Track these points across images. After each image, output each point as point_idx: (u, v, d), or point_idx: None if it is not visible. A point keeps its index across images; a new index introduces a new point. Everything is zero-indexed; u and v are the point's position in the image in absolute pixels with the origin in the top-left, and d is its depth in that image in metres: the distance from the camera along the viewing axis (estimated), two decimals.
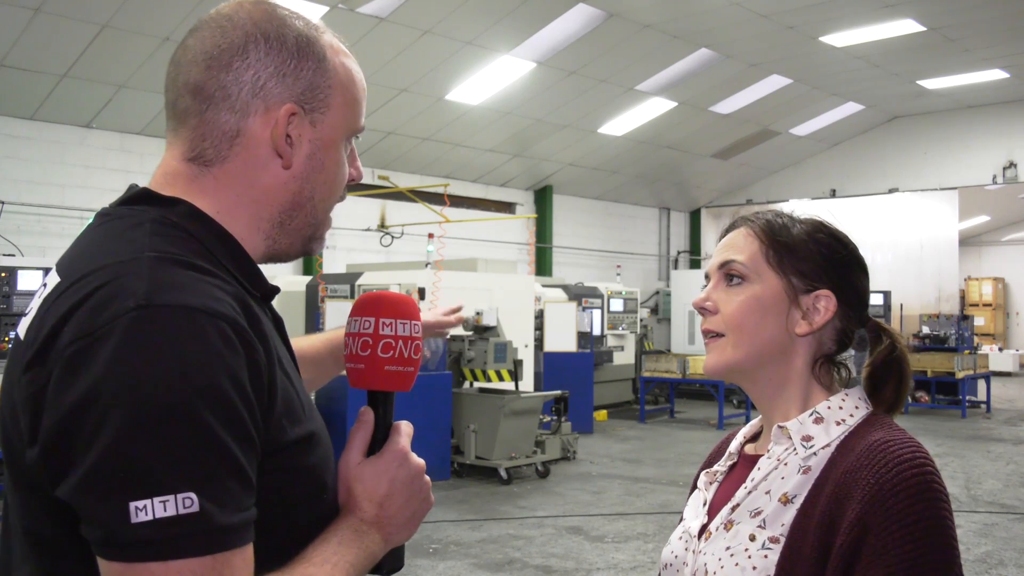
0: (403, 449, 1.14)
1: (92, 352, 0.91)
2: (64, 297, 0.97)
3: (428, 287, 10.05)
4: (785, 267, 1.35)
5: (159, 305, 0.93)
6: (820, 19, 12.31)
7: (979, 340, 20.84)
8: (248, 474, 0.94)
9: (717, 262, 1.41)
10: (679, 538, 1.41)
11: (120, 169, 11.75)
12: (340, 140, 1.15)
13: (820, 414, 1.31)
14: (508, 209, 16.96)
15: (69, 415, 0.90)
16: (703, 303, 1.39)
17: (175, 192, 1.09)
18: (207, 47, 1.10)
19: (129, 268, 0.96)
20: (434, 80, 12.47)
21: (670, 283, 19.20)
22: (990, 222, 25.52)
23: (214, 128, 1.10)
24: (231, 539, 0.91)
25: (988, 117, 17.31)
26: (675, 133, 16.47)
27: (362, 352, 1.15)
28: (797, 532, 1.21)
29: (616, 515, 7.77)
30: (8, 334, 8.26)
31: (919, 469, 1.16)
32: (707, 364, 1.40)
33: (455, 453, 9.31)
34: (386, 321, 1.15)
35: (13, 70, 9.99)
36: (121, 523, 0.87)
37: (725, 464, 1.45)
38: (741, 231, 1.41)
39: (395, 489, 1.12)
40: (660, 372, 14.06)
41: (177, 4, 9.44)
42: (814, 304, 1.34)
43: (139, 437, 0.88)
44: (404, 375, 1.16)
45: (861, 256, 1.41)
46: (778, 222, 1.39)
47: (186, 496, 0.88)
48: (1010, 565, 6.42)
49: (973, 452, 11.16)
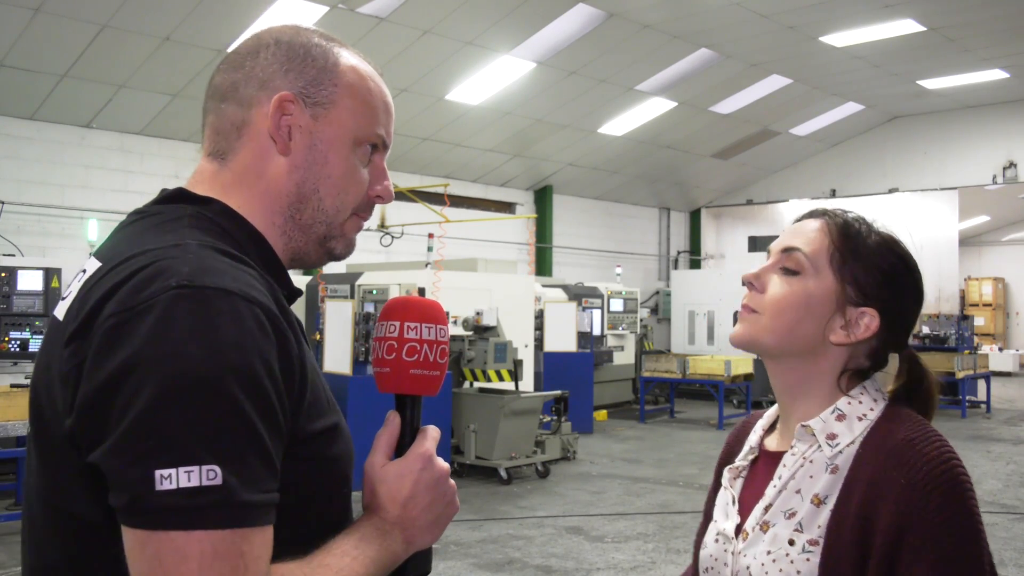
0: (428, 452, 1.15)
1: (132, 325, 0.93)
2: (107, 278, 1.00)
3: (428, 287, 10.05)
4: (845, 272, 1.33)
5: (200, 286, 0.95)
6: (820, 19, 12.31)
7: (979, 340, 20.85)
8: (273, 457, 0.96)
9: (782, 244, 1.38)
10: (715, 540, 1.41)
11: (120, 169, 11.76)
12: (347, 140, 1.17)
13: (842, 411, 1.32)
14: (508, 209, 16.96)
15: (106, 383, 0.92)
16: (753, 278, 1.37)
17: (204, 190, 1.14)
18: (230, 55, 1.19)
19: (172, 252, 1.00)
20: (434, 80, 12.47)
21: (670, 283, 19.19)
22: (990, 222, 25.52)
23: (225, 121, 1.16)
24: (252, 516, 0.92)
25: (988, 117, 17.31)
26: (675, 133, 16.47)
27: (387, 356, 1.16)
28: (833, 533, 1.23)
29: (616, 515, 7.77)
30: (8, 334, 8.26)
31: (947, 465, 1.20)
32: (735, 333, 1.39)
33: (455, 453, 9.31)
34: (411, 325, 1.15)
35: (13, 70, 10.00)
36: (146, 490, 0.88)
37: (747, 459, 1.45)
38: (817, 222, 1.38)
39: (418, 491, 1.13)
40: (660, 372, 14.06)
41: (177, 4, 9.45)
42: (858, 318, 1.33)
43: (170, 407, 0.90)
44: (430, 379, 1.17)
45: (922, 286, 1.39)
46: (855, 227, 1.37)
47: (210, 468, 0.89)
48: (1010, 565, 6.43)
49: (973, 452, 11.16)
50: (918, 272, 1.39)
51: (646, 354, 15.12)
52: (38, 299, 8.39)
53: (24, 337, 8.31)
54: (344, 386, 8.01)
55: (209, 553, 0.89)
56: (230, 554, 0.90)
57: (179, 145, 12.20)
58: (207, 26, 9.84)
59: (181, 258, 0.99)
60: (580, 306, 13.42)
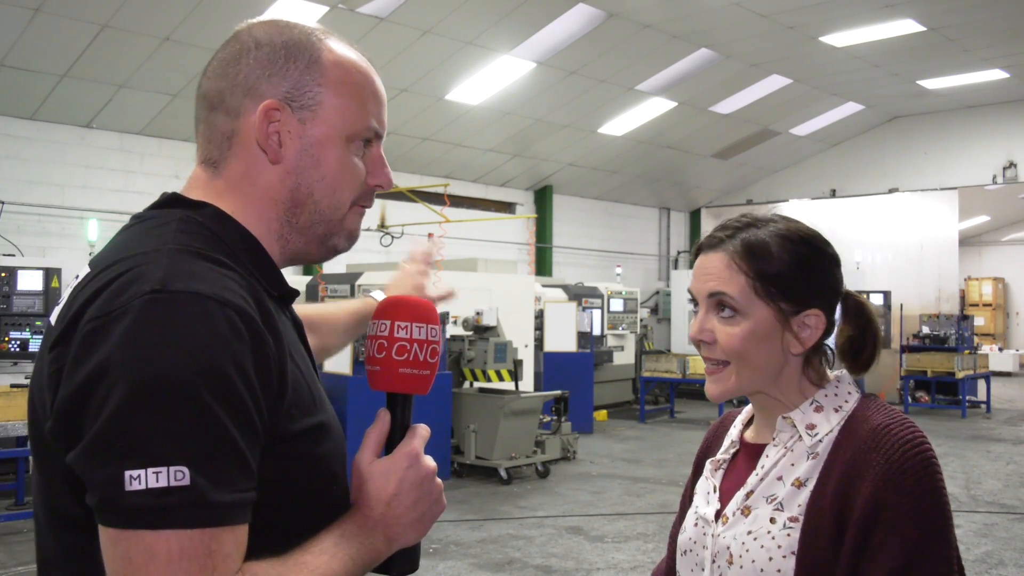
0: (414, 450, 1.15)
1: (107, 330, 0.96)
2: (91, 283, 1.03)
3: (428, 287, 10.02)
4: (773, 296, 1.38)
5: (172, 291, 0.98)
6: (820, 19, 12.31)
7: (979, 340, 20.85)
8: (246, 457, 0.97)
9: (706, 291, 1.41)
10: (694, 524, 1.47)
11: (120, 169, 11.75)
12: (338, 138, 1.16)
13: (819, 403, 1.41)
14: (508, 209, 16.96)
15: (80, 387, 0.95)
16: (701, 336, 1.42)
17: (198, 196, 1.16)
18: (215, 60, 1.19)
19: (150, 257, 1.03)
20: (434, 80, 12.47)
21: (670, 283, 19.20)
22: (990, 222, 25.51)
23: (215, 131, 1.17)
24: (221, 516, 0.94)
25: (988, 117, 17.31)
26: (675, 133, 16.47)
27: (378, 354, 1.17)
28: (813, 510, 1.31)
29: (616, 515, 7.77)
30: (8, 334, 8.26)
31: (920, 448, 1.29)
32: (710, 392, 1.45)
33: (455, 453, 9.31)
34: (401, 324, 1.17)
35: (13, 70, 10.00)
36: (116, 489, 0.91)
37: (729, 452, 1.51)
38: (722, 258, 1.41)
39: (403, 489, 1.13)
40: (660, 372, 14.06)
41: (177, 4, 9.44)
42: (804, 322, 1.40)
43: (139, 409, 0.93)
44: (419, 378, 1.17)
45: (831, 248, 1.45)
46: (754, 242, 1.39)
47: (178, 469, 0.92)
48: (1010, 565, 6.43)
49: (973, 452, 11.16)
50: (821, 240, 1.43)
51: (646, 354, 15.13)
52: (38, 299, 8.39)
53: (24, 337, 8.32)
54: (344, 386, 8.00)
55: (176, 552, 0.92)
56: (198, 553, 0.92)
57: (179, 145, 12.20)
58: (207, 26, 9.84)
59: (156, 263, 1.01)
60: (580, 306, 13.42)
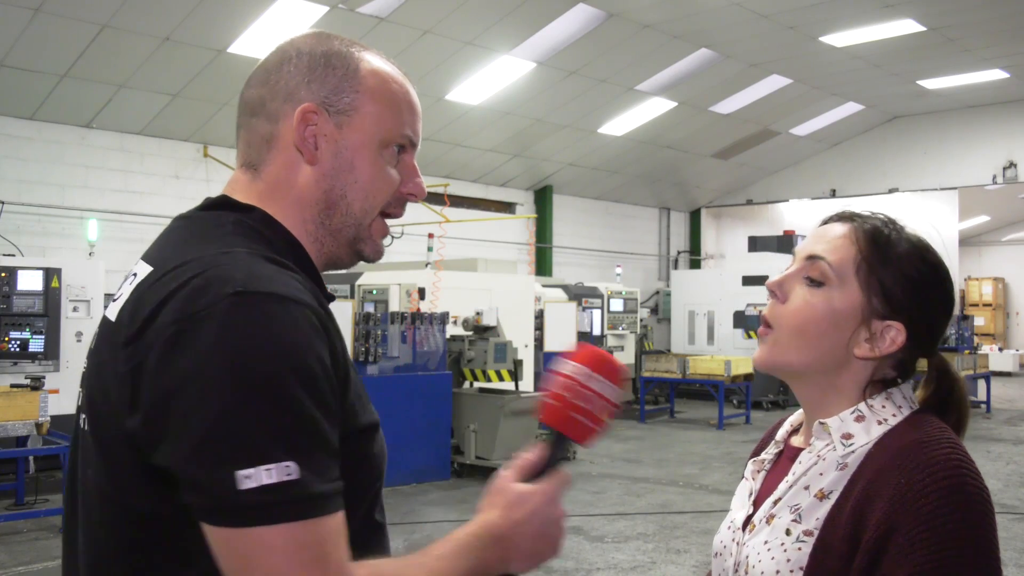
0: (555, 491, 1.21)
1: (195, 332, 0.99)
2: (159, 284, 1.06)
3: (428, 287, 10.05)
4: (872, 285, 1.27)
5: (254, 292, 1.01)
6: (820, 19, 12.31)
7: (979, 340, 20.84)
8: (335, 447, 1.03)
9: (807, 251, 1.31)
10: (727, 528, 1.41)
11: (120, 169, 11.75)
12: (372, 144, 1.21)
13: (862, 412, 1.27)
14: (508, 209, 16.96)
15: (173, 388, 0.98)
16: (776, 286, 1.32)
17: (242, 199, 1.20)
18: (258, 70, 1.24)
19: (223, 259, 1.06)
20: (434, 80, 12.47)
21: (670, 283, 19.19)
22: (990, 222, 25.52)
23: (255, 135, 1.22)
24: (326, 505, 0.99)
25: (988, 117, 17.31)
26: (675, 133, 16.47)
27: (564, 392, 1.21)
28: (829, 526, 1.20)
29: (616, 515, 7.77)
30: (8, 334, 8.25)
31: (953, 471, 1.13)
32: (756, 357, 1.34)
33: (455, 453, 9.31)
34: (597, 378, 1.20)
35: (13, 70, 10.00)
36: (229, 490, 0.94)
37: (771, 452, 1.42)
38: (844, 227, 1.31)
39: (533, 520, 1.17)
40: (660, 372, 14.05)
41: (177, 4, 9.44)
42: (883, 332, 1.27)
43: (243, 411, 0.96)
44: (588, 430, 1.21)
45: (952, 295, 1.32)
46: (884, 233, 1.30)
47: (287, 464, 0.96)
48: (1010, 565, 6.42)
49: (973, 452, 10.82)
50: (950, 281, 1.31)
51: (646, 354, 15.12)
52: (38, 299, 8.38)
53: (24, 337, 8.30)
54: None
55: (292, 544, 0.96)
56: (311, 542, 0.97)
57: (179, 145, 12.20)
58: (207, 26, 9.84)
59: (232, 265, 1.05)
60: (580, 306, 13.42)
